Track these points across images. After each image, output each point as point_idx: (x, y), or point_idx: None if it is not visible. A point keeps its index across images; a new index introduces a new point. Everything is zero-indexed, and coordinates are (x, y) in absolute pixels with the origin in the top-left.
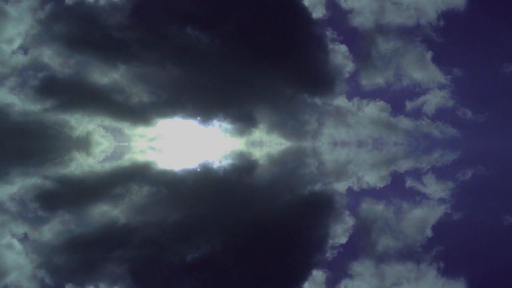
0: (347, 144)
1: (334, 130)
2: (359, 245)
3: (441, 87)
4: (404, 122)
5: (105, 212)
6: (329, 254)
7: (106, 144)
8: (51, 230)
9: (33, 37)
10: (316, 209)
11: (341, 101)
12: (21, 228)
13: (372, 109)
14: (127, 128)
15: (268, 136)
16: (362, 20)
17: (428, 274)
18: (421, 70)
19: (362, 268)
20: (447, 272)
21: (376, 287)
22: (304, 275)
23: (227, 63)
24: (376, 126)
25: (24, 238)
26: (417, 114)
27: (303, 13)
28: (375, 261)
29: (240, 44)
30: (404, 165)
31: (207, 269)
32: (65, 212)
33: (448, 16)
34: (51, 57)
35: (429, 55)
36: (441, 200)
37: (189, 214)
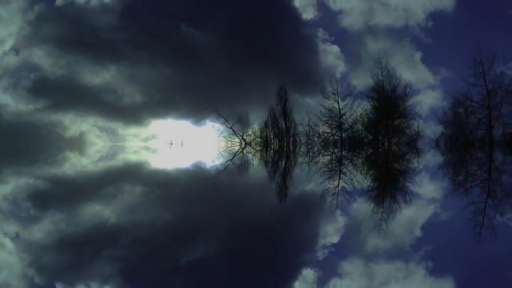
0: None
1: (327, 130)
2: (351, 244)
3: (431, 87)
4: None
5: (97, 212)
6: (320, 254)
7: (99, 144)
8: (42, 230)
9: (24, 38)
10: (308, 208)
11: (333, 101)
12: (13, 227)
13: (365, 109)
14: (120, 128)
15: (261, 135)
16: (352, 20)
17: (416, 273)
18: (411, 70)
19: (352, 267)
20: (436, 271)
21: (366, 286)
22: (294, 274)
23: (219, 63)
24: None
25: (15, 237)
26: (410, 114)
27: (295, 14)
28: (366, 261)
29: (232, 45)
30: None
31: (196, 268)
32: (57, 211)
33: (436, 17)
34: (42, 58)
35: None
36: (433, 200)
37: (181, 214)
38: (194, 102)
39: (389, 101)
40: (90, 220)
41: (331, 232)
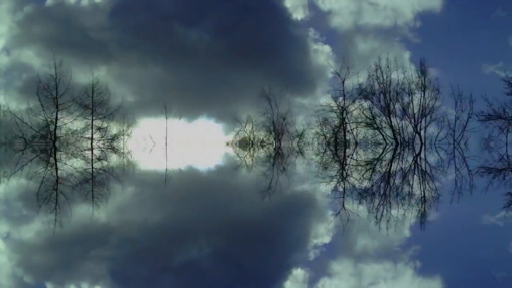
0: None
1: (320, 129)
2: (343, 245)
3: (422, 87)
4: (390, 121)
5: (90, 211)
6: (311, 254)
7: (92, 143)
8: (32, 229)
9: (15, 38)
10: (300, 208)
11: (327, 100)
12: (5, 227)
13: (359, 109)
14: (113, 127)
15: (254, 135)
16: (341, 20)
17: (405, 273)
18: (400, 69)
19: (342, 267)
20: (424, 271)
21: (356, 286)
22: (285, 274)
23: (210, 63)
24: (363, 125)
25: (6, 237)
26: (402, 113)
27: (285, 14)
28: (357, 261)
29: (223, 45)
30: (389, 165)
31: (187, 269)
32: (49, 211)
33: (425, 17)
34: (33, 58)
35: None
36: (424, 200)
37: (172, 214)
38: (186, 102)
39: None
40: (80, 220)
41: (322, 232)
